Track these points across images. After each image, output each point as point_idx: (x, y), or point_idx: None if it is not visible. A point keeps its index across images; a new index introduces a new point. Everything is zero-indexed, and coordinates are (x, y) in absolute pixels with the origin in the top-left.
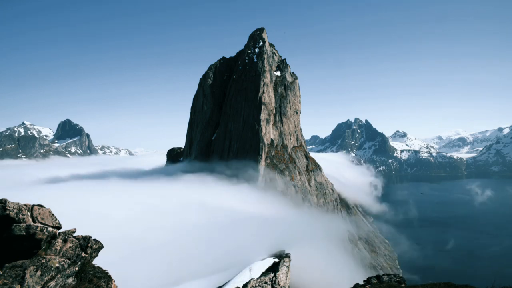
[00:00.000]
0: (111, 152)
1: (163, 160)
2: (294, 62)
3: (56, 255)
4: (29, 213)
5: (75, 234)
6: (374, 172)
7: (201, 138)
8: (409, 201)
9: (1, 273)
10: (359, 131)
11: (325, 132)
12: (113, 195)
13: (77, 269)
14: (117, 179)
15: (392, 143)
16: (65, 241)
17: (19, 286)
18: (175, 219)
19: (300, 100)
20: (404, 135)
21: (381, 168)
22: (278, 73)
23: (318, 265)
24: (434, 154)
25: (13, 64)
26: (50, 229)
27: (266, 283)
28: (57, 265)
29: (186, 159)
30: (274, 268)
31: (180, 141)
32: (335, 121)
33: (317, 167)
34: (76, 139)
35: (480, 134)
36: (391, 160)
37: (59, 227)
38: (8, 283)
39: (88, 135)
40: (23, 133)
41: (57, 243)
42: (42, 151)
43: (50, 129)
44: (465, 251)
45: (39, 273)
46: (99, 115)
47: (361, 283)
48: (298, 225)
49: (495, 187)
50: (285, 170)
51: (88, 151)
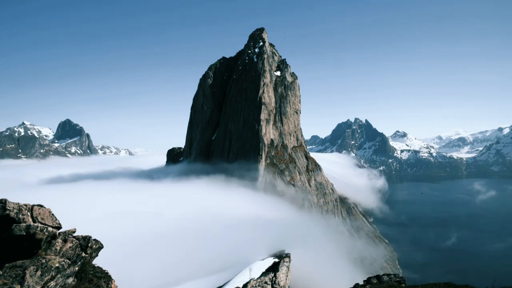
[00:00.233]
0: (111, 152)
1: (163, 160)
2: (294, 62)
3: (56, 255)
4: (29, 213)
5: (75, 234)
6: (374, 172)
7: (201, 138)
8: (409, 201)
9: (1, 273)
10: (359, 131)
11: (325, 132)
12: (113, 195)
13: (77, 269)
14: (117, 179)
15: (392, 143)
16: (65, 241)
17: (19, 286)
18: (175, 219)
19: (300, 100)
20: (404, 135)
21: (381, 168)
22: (278, 73)
23: (318, 265)
24: (434, 154)
25: (13, 64)
26: (50, 229)
27: (266, 283)
28: (57, 265)
29: (186, 159)
30: (274, 268)
31: (180, 141)
32: (335, 121)
33: (317, 167)
34: (76, 139)
35: (480, 134)
36: (391, 160)
37: (59, 227)
38: (8, 283)
39: (88, 135)
40: (23, 133)
41: (57, 243)
42: (42, 151)
43: (50, 129)
44: (465, 251)
45: (39, 273)
46: (99, 115)
47: (361, 283)
48: (298, 225)
49: (495, 187)
50: (285, 170)
51: (88, 151)
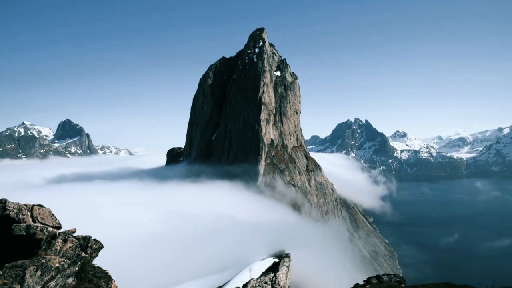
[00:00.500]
0: (111, 152)
1: (163, 160)
2: (294, 62)
3: (56, 255)
4: (29, 213)
5: (75, 234)
6: (374, 172)
7: (201, 138)
8: (409, 201)
9: (1, 273)
10: (359, 131)
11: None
12: (112, 195)
13: (77, 269)
14: (117, 179)
15: (392, 143)
16: (65, 241)
17: (19, 286)
18: (175, 219)
19: (300, 100)
20: (404, 135)
21: (381, 168)
22: (278, 73)
23: (318, 265)
24: (434, 154)
25: (13, 64)
26: (50, 229)
27: (266, 283)
28: (57, 265)
29: (186, 159)
30: (274, 268)
31: (180, 141)
32: (335, 121)
33: (317, 167)
34: (76, 139)
35: (480, 134)
36: (391, 160)
37: (59, 227)
38: (8, 283)
39: (88, 135)
40: (23, 133)
41: (57, 243)
42: (42, 151)
43: (50, 129)
44: (465, 250)
45: (39, 273)
46: (99, 115)
47: (361, 283)
48: (298, 225)
49: (495, 187)
50: (285, 170)
51: (88, 151)
